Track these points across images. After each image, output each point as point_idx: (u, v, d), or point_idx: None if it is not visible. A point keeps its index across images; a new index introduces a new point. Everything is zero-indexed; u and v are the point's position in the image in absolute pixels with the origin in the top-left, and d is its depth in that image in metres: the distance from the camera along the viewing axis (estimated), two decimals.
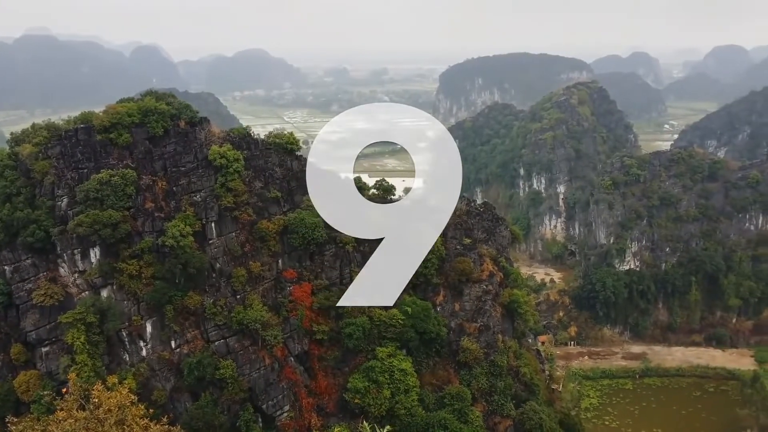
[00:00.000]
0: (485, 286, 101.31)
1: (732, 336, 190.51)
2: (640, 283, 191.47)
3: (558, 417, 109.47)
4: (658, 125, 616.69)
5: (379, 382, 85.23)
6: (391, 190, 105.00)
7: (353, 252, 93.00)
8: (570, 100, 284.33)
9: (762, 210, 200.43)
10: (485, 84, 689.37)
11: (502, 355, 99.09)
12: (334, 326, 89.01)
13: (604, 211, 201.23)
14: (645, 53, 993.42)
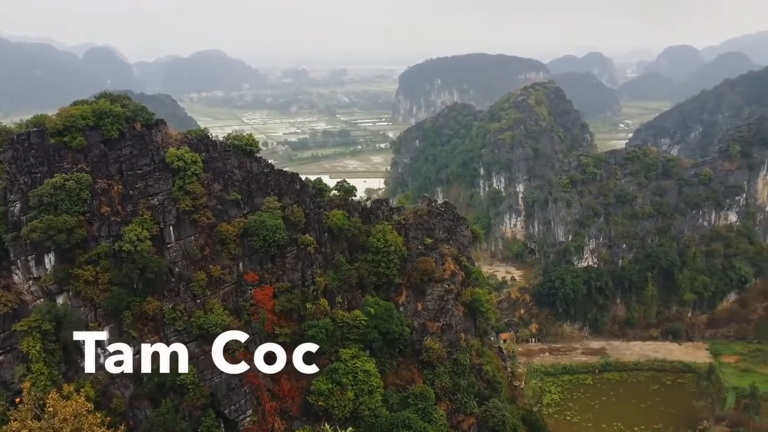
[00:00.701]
0: (447, 285, 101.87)
1: (687, 330, 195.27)
2: (598, 279, 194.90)
3: (520, 413, 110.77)
4: (613, 124, 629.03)
5: (342, 384, 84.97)
6: (353, 191, 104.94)
7: (315, 253, 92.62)
8: (527, 100, 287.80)
9: (714, 206, 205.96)
10: (444, 84, 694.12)
11: (464, 353, 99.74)
12: (296, 329, 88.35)
13: (563, 209, 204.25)
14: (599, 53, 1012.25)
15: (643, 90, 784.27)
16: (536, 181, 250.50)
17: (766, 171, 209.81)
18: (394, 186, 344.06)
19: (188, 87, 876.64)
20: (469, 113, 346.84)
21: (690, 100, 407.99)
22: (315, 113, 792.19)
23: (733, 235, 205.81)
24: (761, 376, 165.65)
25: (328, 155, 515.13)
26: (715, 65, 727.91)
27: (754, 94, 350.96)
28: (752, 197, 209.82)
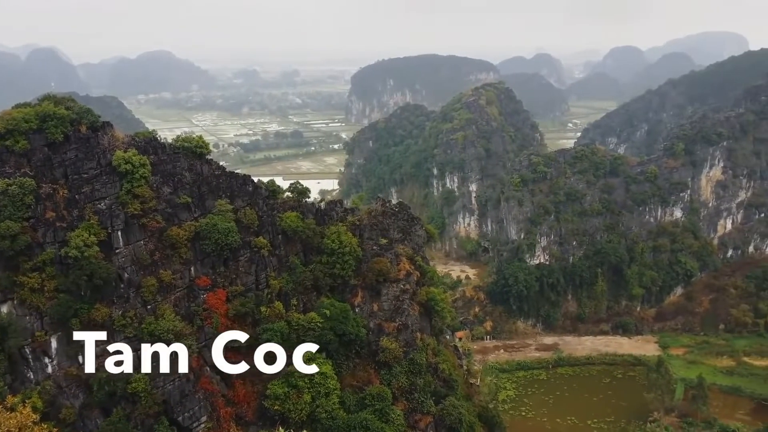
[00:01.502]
0: (402, 285, 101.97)
1: (637, 324, 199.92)
2: (550, 276, 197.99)
3: (477, 411, 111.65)
4: (562, 124, 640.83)
5: (299, 387, 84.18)
6: (306, 192, 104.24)
7: (269, 256, 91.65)
8: (479, 101, 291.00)
9: (660, 203, 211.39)
10: (397, 85, 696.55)
11: (421, 352, 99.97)
12: (251, 332, 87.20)
13: (514, 207, 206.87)
14: (548, 54, 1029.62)
15: (590, 90, 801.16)
16: (489, 180, 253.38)
17: (708, 168, 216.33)
18: (348, 187, 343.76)
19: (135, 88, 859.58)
20: (421, 114, 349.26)
21: (635, 100, 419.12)
22: (267, 114, 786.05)
23: (678, 230, 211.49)
24: (708, 368, 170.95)
25: (280, 157, 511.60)
26: (659, 65, 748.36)
27: (697, 94, 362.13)
28: (696, 193, 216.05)
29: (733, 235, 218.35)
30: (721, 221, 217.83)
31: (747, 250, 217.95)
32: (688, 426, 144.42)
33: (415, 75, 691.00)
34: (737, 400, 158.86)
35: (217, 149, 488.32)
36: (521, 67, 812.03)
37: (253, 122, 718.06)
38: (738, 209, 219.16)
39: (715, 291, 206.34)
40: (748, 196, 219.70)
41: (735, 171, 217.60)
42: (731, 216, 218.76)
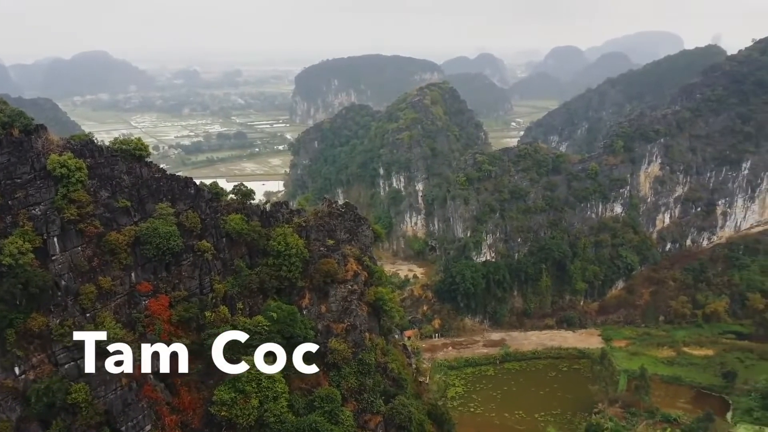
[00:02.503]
0: (350, 285, 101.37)
1: (580, 317, 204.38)
2: (496, 273, 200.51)
3: (426, 408, 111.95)
4: (505, 123, 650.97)
5: (246, 392, 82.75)
6: (251, 194, 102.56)
7: (213, 260, 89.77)
8: (424, 101, 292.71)
9: (601, 199, 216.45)
10: (341, 85, 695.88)
11: (369, 353, 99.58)
12: (195, 338, 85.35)
13: (461, 206, 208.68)
14: (491, 54, 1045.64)
15: (532, 89, 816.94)
16: (435, 179, 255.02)
17: (647, 164, 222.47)
18: (293, 188, 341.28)
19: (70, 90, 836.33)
20: (367, 114, 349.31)
21: (576, 99, 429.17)
22: (209, 115, 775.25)
23: (619, 225, 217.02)
24: (649, 358, 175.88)
25: (224, 158, 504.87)
26: (598, 65, 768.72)
27: (635, 92, 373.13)
28: (635, 189, 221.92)
29: (671, 229, 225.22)
30: (659, 216, 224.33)
31: (684, 244, 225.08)
32: (632, 416, 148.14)
33: (360, 75, 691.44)
34: (678, 389, 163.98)
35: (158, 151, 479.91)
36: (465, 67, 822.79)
37: (194, 123, 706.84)
38: (675, 204, 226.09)
39: (654, 284, 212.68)
40: (684, 191, 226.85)
41: (672, 167, 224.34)
42: (669, 210, 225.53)
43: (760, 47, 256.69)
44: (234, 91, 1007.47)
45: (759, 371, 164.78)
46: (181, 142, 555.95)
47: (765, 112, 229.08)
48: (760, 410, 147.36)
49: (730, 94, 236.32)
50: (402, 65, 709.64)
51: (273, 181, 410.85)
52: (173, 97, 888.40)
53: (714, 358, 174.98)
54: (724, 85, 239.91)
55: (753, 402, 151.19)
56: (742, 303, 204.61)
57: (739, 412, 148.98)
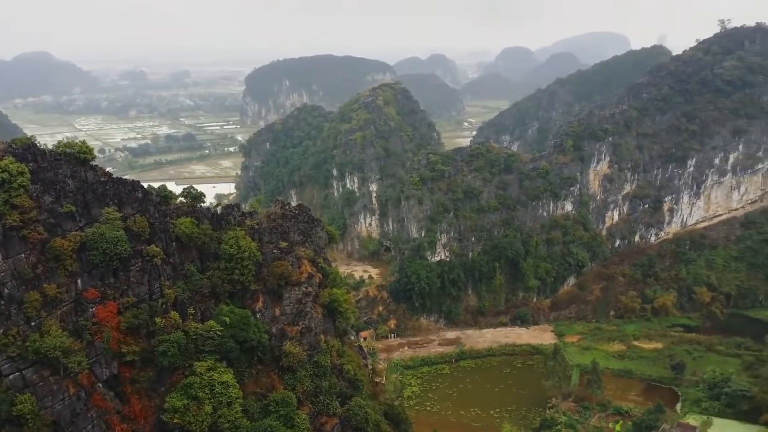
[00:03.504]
0: (305, 288, 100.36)
1: (534, 314, 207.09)
2: (450, 272, 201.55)
3: (382, 409, 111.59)
4: (457, 123, 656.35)
5: (199, 398, 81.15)
6: (201, 197, 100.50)
7: (162, 264, 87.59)
8: (376, 101, 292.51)
9: (552, 197, 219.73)
10: (293, 86, 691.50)
11: (325, 355, 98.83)
12: (146, 345, 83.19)
13: (415, 206, 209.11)
14: (442, 55, 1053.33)
15: (483, 89, 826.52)
16: (388, 179, 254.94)
17: (596, 163, 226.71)
18: (245, 190, 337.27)
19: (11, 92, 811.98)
20: (319, 114, 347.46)
21: (526, 99, 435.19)
22: (156, 117, 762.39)
23: (570, 223, 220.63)
24: (600, 353, 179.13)
25: (173, 161, 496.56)
26: (548, 65, 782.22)
27: (584, 92, 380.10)
28: (585, 187, 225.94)
29: (620, 226, 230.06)
30: (608, 213, 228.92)
31: (633, 240, 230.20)
32: (585, 410, 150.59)
33: (312, 75, 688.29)
34: (629, 382, 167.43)
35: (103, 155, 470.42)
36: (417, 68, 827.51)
37: (141, 125, 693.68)
38: (624, 201, 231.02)
39: (605, 279, 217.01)
40: (632, 189, 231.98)
41: (620, 165, 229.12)
42: (618, 208, 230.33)
43: (703, 47, 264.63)
44: (182, 92, 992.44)
45: (706, 363, 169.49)
46: (128, 145, 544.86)
47: (709, 111, 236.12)
48: (708, 400, 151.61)
49: (675, 94, 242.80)
50: (354, 66, 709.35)
51: (224, 183, 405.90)
52: (119, 99, 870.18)
53: (663, 351, 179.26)
54: (670, 85, 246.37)
55: (701, 393, 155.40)
56: (689, 297, 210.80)
57: (688, 403, 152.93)
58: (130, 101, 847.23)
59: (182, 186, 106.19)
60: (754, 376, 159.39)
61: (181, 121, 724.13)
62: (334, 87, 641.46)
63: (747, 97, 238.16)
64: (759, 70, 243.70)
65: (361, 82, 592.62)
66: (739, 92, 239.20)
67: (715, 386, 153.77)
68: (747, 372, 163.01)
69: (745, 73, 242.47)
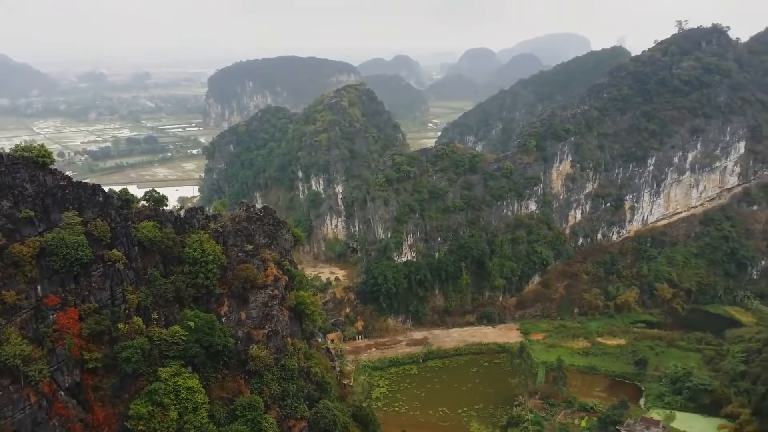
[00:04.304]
0: (270, 291, 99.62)
1: (500, 313, 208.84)
2: (417, 272, 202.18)
3: (351, 411, 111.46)
4: (422, 124, 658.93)
5: (164, 405, 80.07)
6: (163, 200, 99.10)
7: (125, 269, 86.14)
8: (341, 102, 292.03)
9: (516, 197, 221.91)
10: (256, 87, 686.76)
11: (292, 358, 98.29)
12: (108, 352, 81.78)
13: (381, 207, 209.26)
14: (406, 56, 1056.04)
15: (447, 90, 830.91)
16: (354, 181, 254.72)
17: (558, 162, 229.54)
18: (209, 193, 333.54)
19: None
20: (283, 116, 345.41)
21: (490, 99, 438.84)
22: (117, 120, 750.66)
23: (534, 222, 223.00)
24: (565, 350, 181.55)
25: (134, 164, 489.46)
26: (511, 66, 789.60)
27: (546, 92, 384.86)
28: (548, 187, 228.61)
29: (583, 224, 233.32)
30: (571, 212, 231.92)
31: (596, 238, 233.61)
32: (551, 407, 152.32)
33: (275, 77, 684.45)
34: (593, 379, 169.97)
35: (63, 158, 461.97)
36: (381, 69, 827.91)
37: (102, 128, 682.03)
38: (586, 200, 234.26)
39: (568, 277, 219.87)
40: (594, 188, 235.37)
41: (582, 164, 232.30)
42: (580, 206, 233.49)
43: (662, 48, 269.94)
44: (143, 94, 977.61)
45: (668, 358, 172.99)
46: (88, 148, 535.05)
47: (668, 111, 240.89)
48: (670, 395, 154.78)
49: (635, 94, 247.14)
50: (318, 67, 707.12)
51: (187, 186, 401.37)
52: (78, 101, 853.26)
53: (626, 347, 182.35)
54: (630, 85, 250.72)
55: (663, 387, 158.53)
56: (651, 293, 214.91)
57: (651, 398, 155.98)
58: (89, 104, 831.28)
59: (144, 189, 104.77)
60: (714, 370, 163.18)
61: (143, 124, 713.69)
62: (298, 88, 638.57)
63: (704, 97, 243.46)
64: (715, 70, 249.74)
65: (325, 84, 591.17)
66: (697, 92, 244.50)
67: (677, 381, 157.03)
68: (708, 366, 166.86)
69: (702, 73, 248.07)
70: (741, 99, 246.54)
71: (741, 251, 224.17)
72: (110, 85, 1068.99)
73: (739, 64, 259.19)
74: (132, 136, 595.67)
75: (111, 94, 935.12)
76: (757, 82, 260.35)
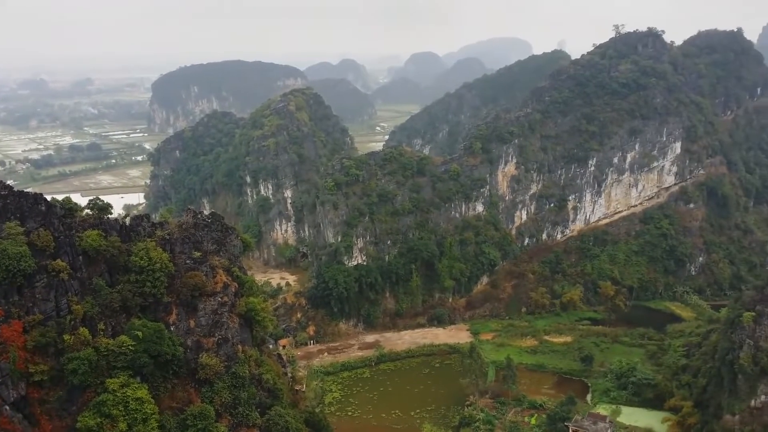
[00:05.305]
0: (220, 298, 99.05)
1: (450, 314, 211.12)
2: (368, 276, 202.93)
3: (303, 417, 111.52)
4: (370, 127, 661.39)
5: (113, 416, 78.95)
6: (108, 208, 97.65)
7: (69, 279, 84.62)
8: (288, 107, 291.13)
9: (464, 199, 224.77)
10: (202, 92, 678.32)
11: (243, 365, 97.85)
12: (54, 364, 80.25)
13: (330, 211, 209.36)
14: (353, 60, 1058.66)
15: (394, 94, 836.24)
16: (303, 185, 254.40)
17: (503, 164, 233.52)
18: (155, 200, 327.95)
19: None
20: (230, 121, 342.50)
21: (436, 103, 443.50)
22: (59, 127, 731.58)
23: (481, 223, 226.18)
24: (514, 349, 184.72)
25: (77, 172, 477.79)
26: (455, 70, 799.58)
27: (490, 95, 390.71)
28: (494, 188, 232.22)
29: (528, 225, 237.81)
30: (517, 213, 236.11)
31: (541, 238, 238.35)
32: (501, 405, 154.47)
33: (221, 81, 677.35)
34: (541, 376, 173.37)
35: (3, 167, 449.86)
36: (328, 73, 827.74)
37: (43, 136, 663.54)
38: (531, 201, 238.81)
39: (516, 277, 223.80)
40: (539, 189, 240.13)
41: (526, 166, 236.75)
42: (526, 207, 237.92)
43: (600, 52, 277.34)
44: (86, 100, 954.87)
45: (613, 354, 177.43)
46: (29, 156, 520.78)
47: (607, 113, 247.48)
48: (615, 390, 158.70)
49: (575, 96, 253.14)
50: (264, 71, 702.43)
51: (132, 193, 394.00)
52: (18, 109, 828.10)
53: (572, 344, 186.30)
54: (570, 88, 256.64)
55: (609, 383, 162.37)
56: (595, 291, 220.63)
57: (597, 394, 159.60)
58: (30, 111, 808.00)
59: (88, 197, 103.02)
60: (657, 364, 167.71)
61: (86, 131, 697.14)
62: (245, 93, 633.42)
63: (641, 99, 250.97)
64: (652, 73, 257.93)
65: (272, 88, 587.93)
66: (634, 94, 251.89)
67: (622, 376, 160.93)
68: (650, 361, 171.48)
69: (639, 76, 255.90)
70: (676, 100, 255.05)
71: (679, 248, 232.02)
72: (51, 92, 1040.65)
73: (674, 66, 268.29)
74: (75, 144, 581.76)
75: (52, 101, 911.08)
76: (691, 84, 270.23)
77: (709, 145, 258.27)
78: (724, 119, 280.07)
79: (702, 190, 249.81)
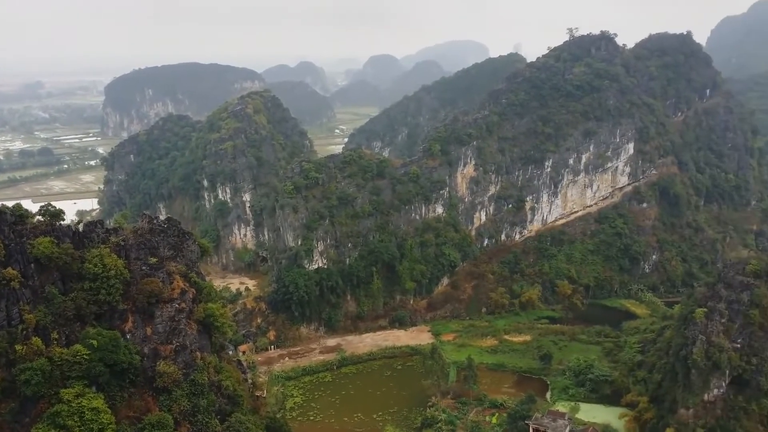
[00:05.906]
0: (177, 304, 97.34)
1: (411, 316, 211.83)
2: (329, 279, 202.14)
3: (264, 423, 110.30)
4: (329, 130, 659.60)
5: (68, 427, 77.04)
6: (60, 214, 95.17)
7: (20, 288, 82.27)
8: (246, 109, 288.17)
9: (424, 201, 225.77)
10: (157, 95, 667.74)
11: (201, 372, 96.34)
12: (6, 375, 78.00)
13: (290, 215, 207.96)
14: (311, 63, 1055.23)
15: (353, 97, 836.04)
16: (262, 189, 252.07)
17: (462, 166, 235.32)
18: (109, 205, 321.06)
19: None
20: (186, 124, 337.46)
21: (395, 105, 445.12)
22: (8, 132, 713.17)
23: (441, 225, 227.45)
24: (475, 349, 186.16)
25: (28, 177, 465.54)
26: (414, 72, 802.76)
27: (448, 98, 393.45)
28: (454, 190, 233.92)
29: (488, 226, 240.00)
30: (476, 214, 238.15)
31: (500, 238, 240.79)
32: (463, 405, 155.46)
33: (177, 84, 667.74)
34: (502, 376, 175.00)
35: None
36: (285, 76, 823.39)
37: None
38: (490, 202, 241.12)
39: (476, 278, 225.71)
40: (497, 190, 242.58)
41: (485, 167, 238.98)
42: (485, 208, 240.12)
43: (554, 55, 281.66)
44: (36, 104, 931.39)
45: (571, 352, 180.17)
46: None
47: (562, 115, 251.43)
48: (574, 387, 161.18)
49: (531, 99, 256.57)
50: (221, 73, 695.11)
51: (86, 199, 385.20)
52: None
53: (531, 343, 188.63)
54: (526, 90, 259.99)
55: (568, 380, 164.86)
56: (552, 290, 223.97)
57: (556, 391, 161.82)
58: None
59: (39, 204, 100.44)
60: (614, 361, 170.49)
61: (36, 135, 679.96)
62: (201, 96, 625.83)
63: (595, 101, 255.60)
64: (605, 75, 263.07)
65: (228, 91, 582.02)
66: (588, 96, 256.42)
67: (580, 373, 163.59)
68: (607, 358, 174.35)
69: (592, 78, 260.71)
70: (629, 102, 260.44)
71: (633, 247, 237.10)
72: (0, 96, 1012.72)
73: (626, 69, 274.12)
74: (25, 149, 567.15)
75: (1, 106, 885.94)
76: (643, 86, 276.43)
77: (660, 146, 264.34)
78: (675, 120, 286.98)
79: (654, 190, 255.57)
